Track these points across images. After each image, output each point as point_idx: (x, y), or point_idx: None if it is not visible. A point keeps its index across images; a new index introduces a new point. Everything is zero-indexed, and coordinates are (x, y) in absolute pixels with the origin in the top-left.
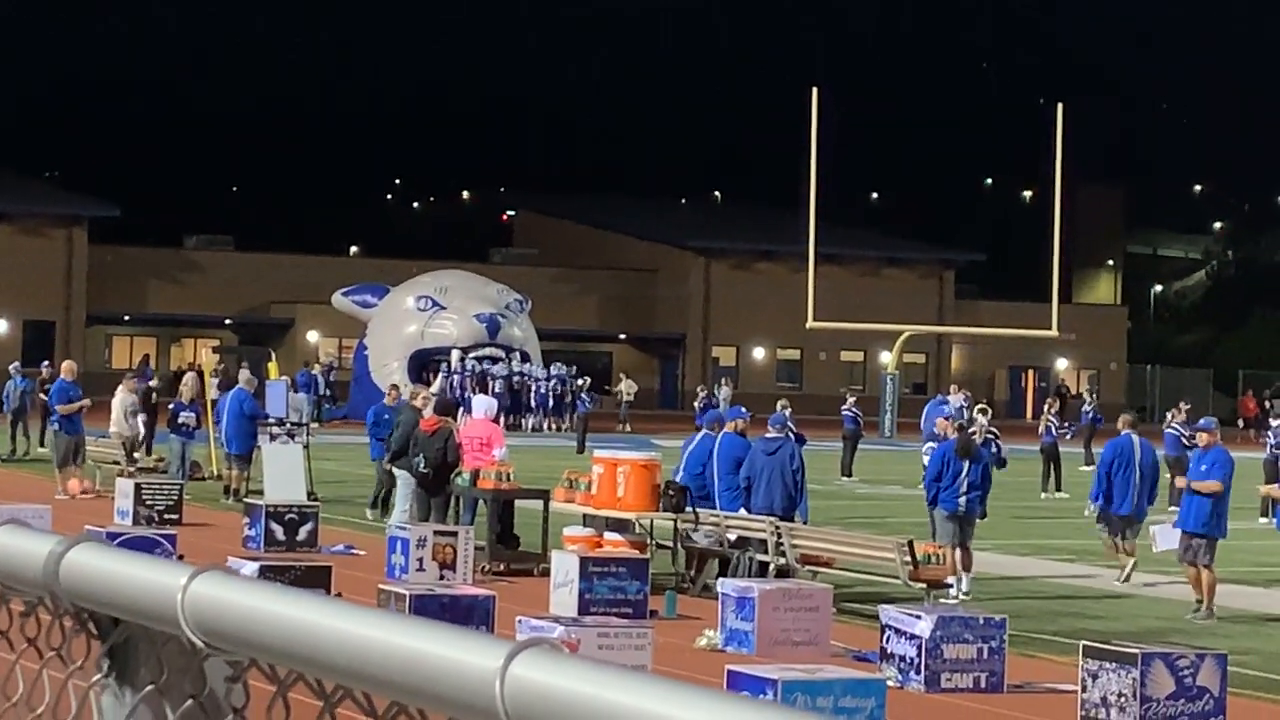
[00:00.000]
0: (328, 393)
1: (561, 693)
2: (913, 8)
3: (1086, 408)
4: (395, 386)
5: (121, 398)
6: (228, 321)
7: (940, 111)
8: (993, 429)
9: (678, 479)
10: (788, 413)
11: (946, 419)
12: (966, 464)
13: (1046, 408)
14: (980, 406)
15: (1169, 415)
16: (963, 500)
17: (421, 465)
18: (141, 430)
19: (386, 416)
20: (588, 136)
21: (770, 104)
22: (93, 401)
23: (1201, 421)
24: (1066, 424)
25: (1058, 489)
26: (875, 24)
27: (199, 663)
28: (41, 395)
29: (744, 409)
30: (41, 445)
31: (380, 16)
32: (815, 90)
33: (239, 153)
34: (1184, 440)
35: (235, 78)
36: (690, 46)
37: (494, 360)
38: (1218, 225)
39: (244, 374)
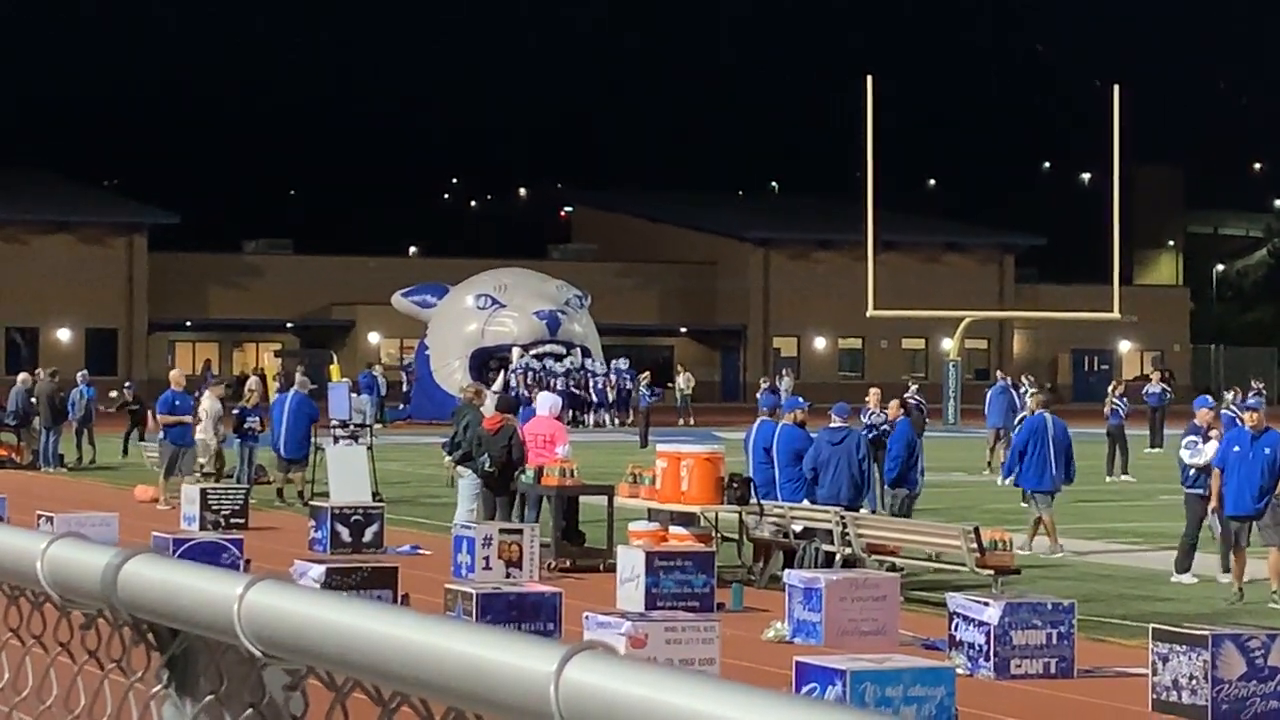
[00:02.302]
0: (407, 390)
1: (616, 695)
2: None
3: (1151, 389)
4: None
5: (208, 404)
6: (289, 325)
7: (996, 96)
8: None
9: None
10: (848, 403)
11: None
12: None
13: (1110, 389)
14: (1032, 391)
15: (1226, 396)
16: (922, 478)
17: (486, 464)
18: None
19: None
20: (644, 130)
21: (827, 94)
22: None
23: (1250, 400)
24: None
25: (1124, 472)
26: (929, 10)
27: (258, 671)
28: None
29: (801, 399)
30: (124, 454)
31: (438, 18)
32: (870, 79)
33: (296, 156)
34: (1237, 421)
35: (291, 82)
36: (746, 41)
37: (555, 357)
38: (1278, 202)
39: (299, 377)
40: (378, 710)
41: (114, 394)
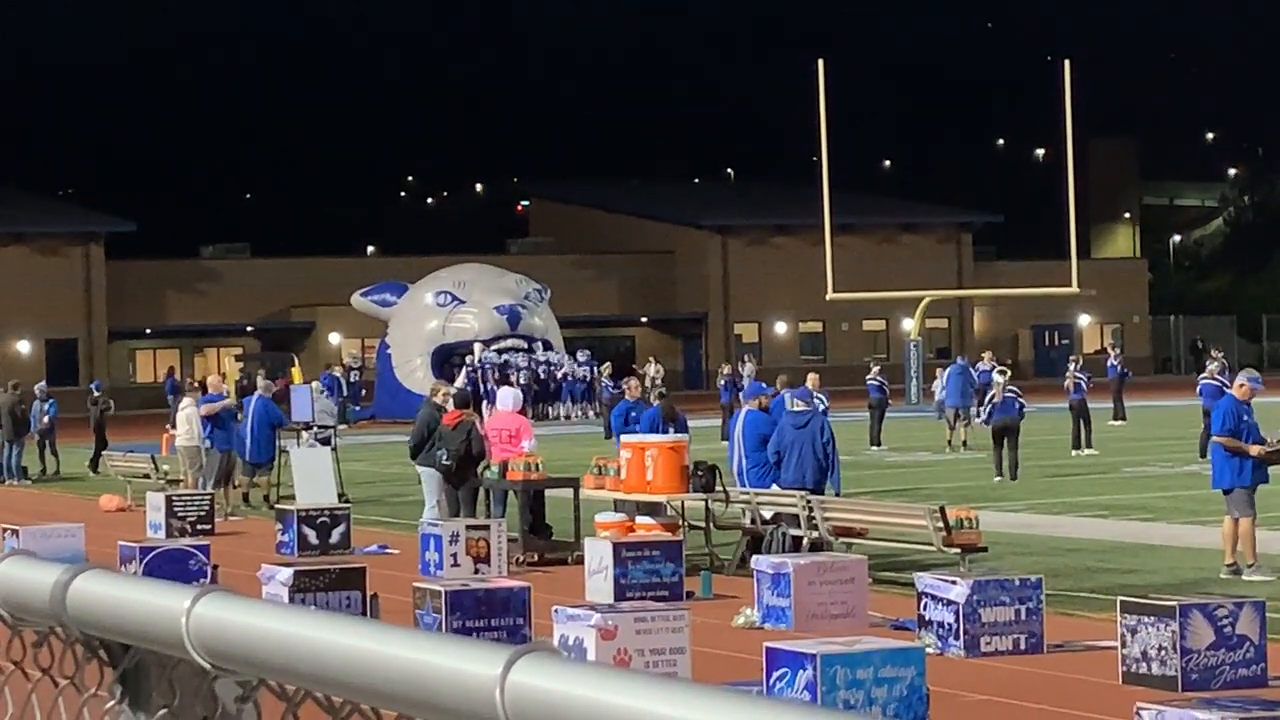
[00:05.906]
0: (363, 392)
1: (562, 697)
2: None
3: (1112, 361)
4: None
5: (189, 412)
6: (249, 329)
7: (948, 74)
8: (1012, 388)
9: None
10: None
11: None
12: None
13: (1071, 364)
14: (999, 369)
15: (1210, 366)
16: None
17: (444, 458)
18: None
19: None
20: (598, 121)
21: (778, 78)
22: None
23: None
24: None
25: (1088, 445)
26: None
27: (209, 684)
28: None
29: (764, 384)
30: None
31: (388, 16)
32: (822, 62)
33: (251, 160)
34: (1225, 390)
35: (241, 84)
36: (696, 25)
37: (516, 351)
38: (1232, 171)
39: (262, 381)
40: (329, 719)
41: (101, 396)
